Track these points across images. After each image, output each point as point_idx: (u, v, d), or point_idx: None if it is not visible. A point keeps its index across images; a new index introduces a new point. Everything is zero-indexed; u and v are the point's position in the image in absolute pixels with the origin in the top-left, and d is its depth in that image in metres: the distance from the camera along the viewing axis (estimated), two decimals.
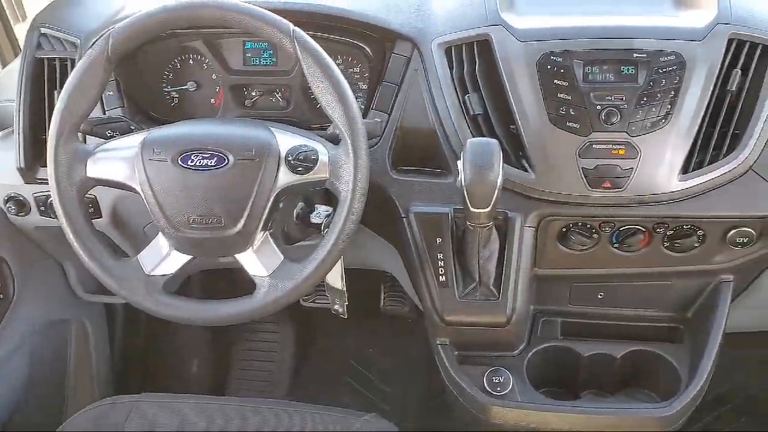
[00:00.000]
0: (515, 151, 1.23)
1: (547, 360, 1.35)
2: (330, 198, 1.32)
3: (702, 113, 1.17)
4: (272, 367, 2.12)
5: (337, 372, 2.14)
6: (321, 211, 1.24)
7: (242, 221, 1.09)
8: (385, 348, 2.16)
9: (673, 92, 1.16)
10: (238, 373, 2.13)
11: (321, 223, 1.24)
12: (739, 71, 1.19)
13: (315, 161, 1.09)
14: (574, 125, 1.17)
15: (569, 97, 1.17)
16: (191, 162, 1.09)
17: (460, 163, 1.06)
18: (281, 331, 2.16)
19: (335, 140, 1.12)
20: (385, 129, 1.29)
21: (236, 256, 1.13)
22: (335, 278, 1.32)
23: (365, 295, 2.09)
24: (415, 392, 2.06)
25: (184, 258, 1.15)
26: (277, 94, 1.41)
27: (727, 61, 1.19)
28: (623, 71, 1.18)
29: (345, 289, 1.34)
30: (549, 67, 1.18)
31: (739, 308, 1.44)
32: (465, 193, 1.06)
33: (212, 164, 1.08)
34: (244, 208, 1.08)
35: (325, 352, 2.18)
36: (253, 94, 1.42)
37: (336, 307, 1.38)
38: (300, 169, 1.09)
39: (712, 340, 1.26)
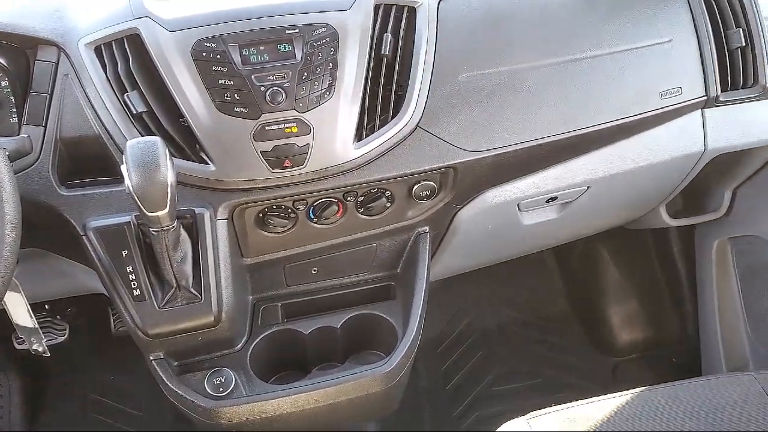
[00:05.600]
0: (190, 145, 1.17)
1: (273, 346, 1.34)
2: None
3: (363, 80, 1.20)
4: (1, 423, 1.89)
5: (80, 409, 1.96)
6: None
7: None
8: (127, 372, 2.02)
9: (331, 64, 1.18)
10: None
11: None
12: (390, 35, 1.24)
13: None
14: (243, 110, 1.15)
15: (231, 82, 1.14)
16: None
17: (123, 168, 0.99)
18: (5, 381, 1.93)
19: None
20: (42, 144, 1.16)
21: None
22: (23, 317, 1.18)
23: (93, 322, 1.94)
24: (168, 410, 1.96)
25: None
26: None
27: (377, 26, 1.23)
28: (281, 49, 1.17)
29: (37, 326, 1.20)
30: (204, 54, 1.14)
31: (446, 254, 1.55)
32: (135, 198, 0.99)
33: None
34: None
35: (63, 391, 2.00)
36: None
37: (35, 347, 1.24)
38: None
39: (418, 291, 1.34)
